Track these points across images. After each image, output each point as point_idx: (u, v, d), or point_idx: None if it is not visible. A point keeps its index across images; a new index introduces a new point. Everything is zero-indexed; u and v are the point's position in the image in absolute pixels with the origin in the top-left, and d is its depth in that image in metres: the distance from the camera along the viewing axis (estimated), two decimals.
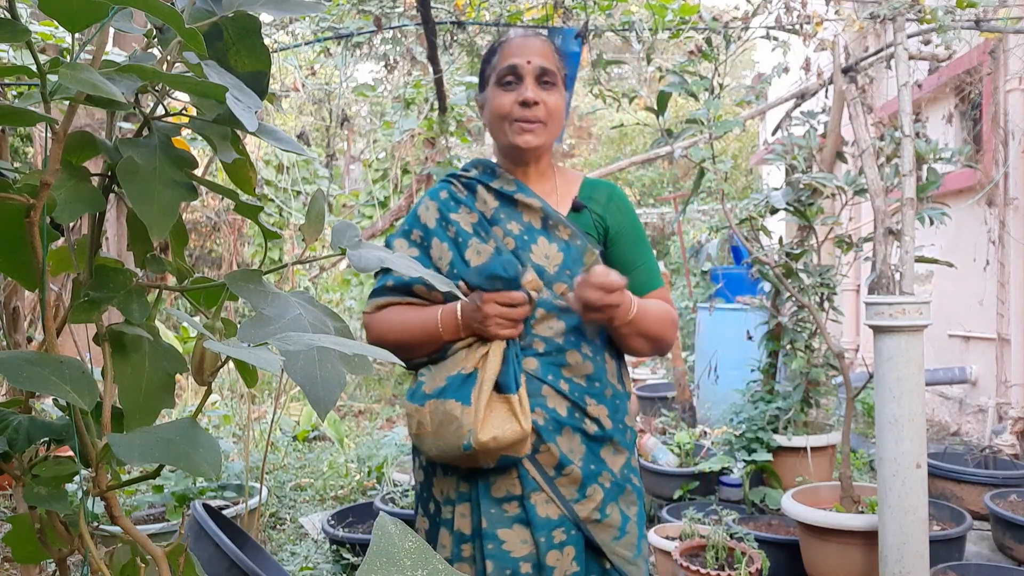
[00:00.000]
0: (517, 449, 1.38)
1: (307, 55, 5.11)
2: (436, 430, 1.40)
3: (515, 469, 1.43)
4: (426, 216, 1.57)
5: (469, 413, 1.37)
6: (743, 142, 13.11)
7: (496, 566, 1.40)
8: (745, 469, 3.78)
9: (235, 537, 2.64)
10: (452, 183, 1.60)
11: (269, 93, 0.82)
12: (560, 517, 1.43)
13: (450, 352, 1.47)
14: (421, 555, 0.51)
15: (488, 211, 1.54)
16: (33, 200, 0.67)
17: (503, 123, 1.51)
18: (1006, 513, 3.31)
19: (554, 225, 1.52)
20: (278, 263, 2.34)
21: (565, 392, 1.45)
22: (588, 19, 3.52)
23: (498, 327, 1.41)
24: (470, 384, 1.41)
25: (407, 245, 1.57)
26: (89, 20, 0.63)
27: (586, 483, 1.45)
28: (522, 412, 1.37)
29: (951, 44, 3.56)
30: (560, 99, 1.52)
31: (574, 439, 1.46)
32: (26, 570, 1.16)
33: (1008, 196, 5.10)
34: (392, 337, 1.50)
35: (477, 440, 1.34)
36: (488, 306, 1.41)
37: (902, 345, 2.54)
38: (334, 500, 4.25)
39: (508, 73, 1.49)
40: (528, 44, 1.51)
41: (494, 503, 1.43)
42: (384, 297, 1.55)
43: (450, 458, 1.41)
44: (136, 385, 0.76)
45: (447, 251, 1.52)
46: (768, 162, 4.61)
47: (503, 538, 1.42)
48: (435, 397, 1.42)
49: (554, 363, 1.46)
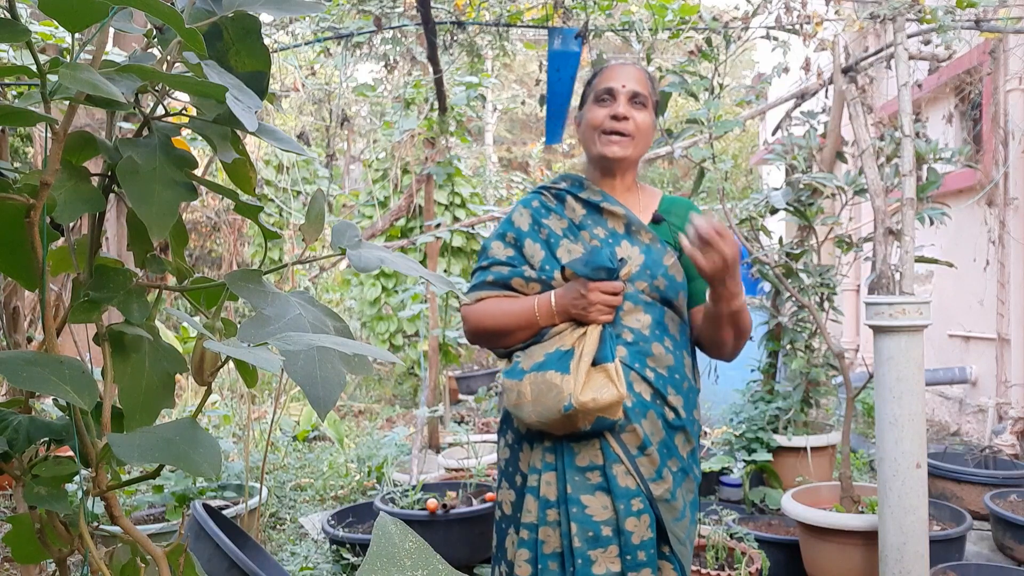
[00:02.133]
0: (613, 411, 1.51)
1: (307, 55, 5.11)
2: (536, 398, 1.54)
3: (598, 441, 1.57)
4: (520, 221, 1.74)
5: (569, 380, 1.51)
6: (743, 142, 13.11)
7: (580, 528, 1.55)
8: (745, 469, 3.78)
9: (235, 537, 2.64)
10: (543, 194, 1.77)
11: (269, 93, 0.82)
12: (637, 488, 1.57)
13: (547, 336, 1.62)
14: (421, 555, 0.51)
15: (576, 218, 1.71)
16: (33, 200, 0.67)
17: (595, 134, 1.69)
18: (1006, 513, 3.31)
19: (636, 230, 1.68)
20: (278, 263, 2.34)
21: (650, 380, 1.60)
22: (588, 19, 3.52)
23: (599, 312, 1.57)
24: (568, 358, 1.55)
25: (503, 246, 1.74)
26: (89, 20, 0.63)
27: (661, 465, 1.59)
28: (618, 378, 1.51)
29: (951, 44, 3.56)
30: (648, 118, 1.69)
31: (656, 423, 1.60)
32: (26, 570, 1.16)
33: (1008, 196, 5.10)
34: (491, 323, 1.66)
35: (578, 400, 1.48)
36: (593, 294, 1.56)
37: (902, 345, 2.54)
38: (334, 500, 4.25)
39: (605, 93, 1.68)
40: (625, 71, 1.70)
41: (578, 471, 1.58)
42: (485, 291, 1.70)
43: (549, 422, 1.54)
44: (136, 385, 0.76)
45: (539, 251, 1.69)
46: (768, 162, 4.61)
47: (586, 503, 1.57)
48: (535, 370, 1.57)
49: (640, 352, 1.61)
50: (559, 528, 1.58)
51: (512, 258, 1.71)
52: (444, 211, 7.14)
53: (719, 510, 3.23)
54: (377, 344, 7.40)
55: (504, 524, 1.70)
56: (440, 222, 5.62)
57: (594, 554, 1.55)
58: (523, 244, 1.71)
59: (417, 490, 3.44)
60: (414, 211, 6.84)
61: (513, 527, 1.67)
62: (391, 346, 7.48)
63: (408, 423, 6.00)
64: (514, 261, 1.70)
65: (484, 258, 1.75)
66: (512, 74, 16.68)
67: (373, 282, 7.58)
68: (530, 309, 1.62)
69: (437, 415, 4.88)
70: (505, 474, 1.72)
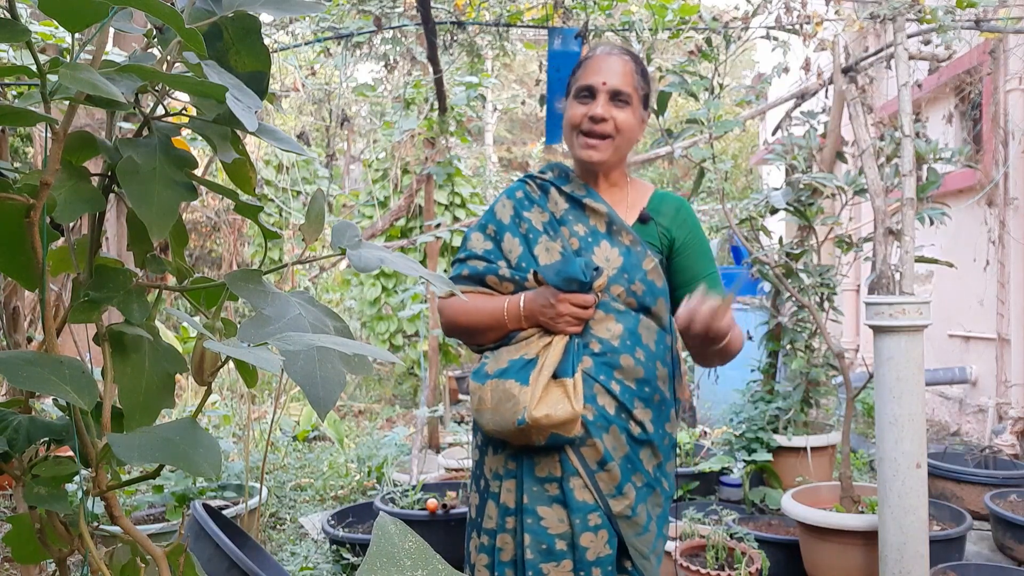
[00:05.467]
0: (567, 429, 1.48)
1: (307, 55, 5.11)
2: (495, 406, 1.51)
3: (558, 453, 1.53)
4: (502, 212, 1.69)
5: (526, 392, 1.48)
6: (743, 142, 13.11)
7: (533, 539, 1.52)
8: (745, 469, 3.78)
9: (235, 537, 2.64)
10: (528, 183, 1.72)
11: (269, 93, 0.82)
12: (595, 503, 1.53)
13: (514, 340, 1.58)
14: (421, 555, 0.51)
15: (558, 212, 1.65)
16: (33, 200, 0.67)
17: (572, 133, 1.63)
18: (1006, 513, 3.31)
19: (617, 230, 1.61)
20: (278, 263, 2.34)
21: (615, 393, 1.54)
22: (588, 19, 3.52)
23: (566, 324, 1.53)
24: (530, 368, 1.52)
25: (483, 239, 1.69)
26: (89, 20, 0.63)
27: (623, 481, 1.54)
28: (575, 395, 1.48)
29: (951, 44, 3.56)
30: (631, 117, 1.61)
31: (619, 438, 1.55)
32: (26, 570, 1.16)
33: (1008, 196, 5.09)
34: (463, 319, 1.64)
35: (531, 416, 1.45)
36: (562, 304, 1.51)
37: (902, 345, 2.54)
38: (334, 500, 4.25)
39: (585, 90, 1.60)
40: (609, 64, 1.60)
41: (536, 481, 1.54)
42: (460, 285, 1.67)
43: (505, 433, 1.51)
44: (136, 385, 0.76)
45: (518, 246, 1.64)
46: (768, 162, 4.61)
47: (542, 515, 1.53)
48: (496, 377, 1.53)
49: (607, 364, 1.55)
50: (515, 537, 1.55)
51: (489, 252, 1.66)
52: (444, 211, 7.14)
53: (719, 510, 3.23)
54: (377, 344, 7.40)
55: (471, 527, 1.68)
56: (440, 222, 5.62)
57: (547, 567, 1.51)
58: (502, 238, 1.66)
59: (417, 490, 3.44)
60: (414, 211, 6.84)
61: (476, 531, 1.64)
62: (391, 346, 7.48)
63: (408, 423, 6.00)
64: (490, 256, 1.66)
65: (463, 249, 1.71)
66: (512, 74, 16.68)
67: (373, 282, 7.58)
68: (500, 310, 1.58)
69: (437, 415, 4.88)
70: (473, 476, 1.70)
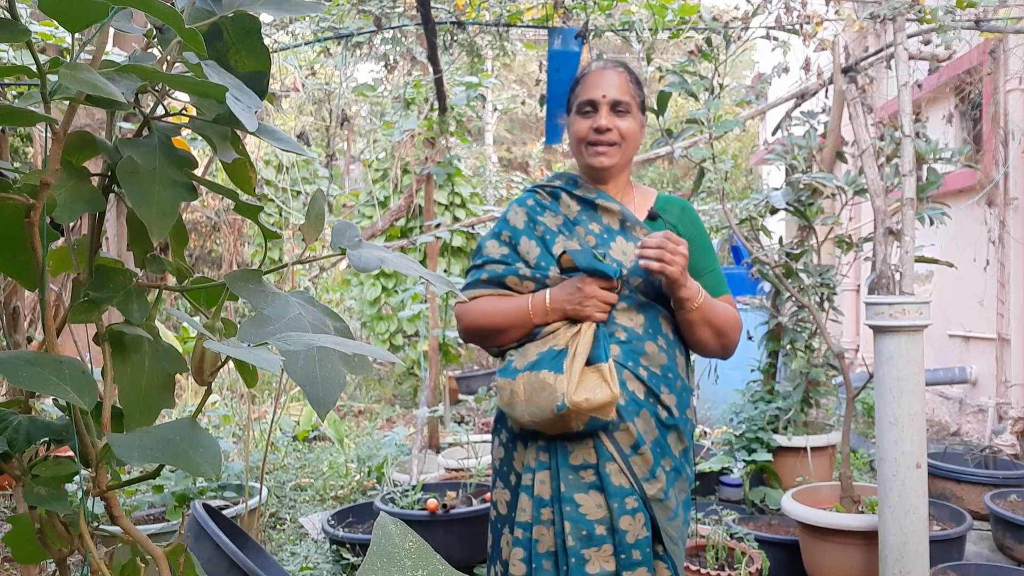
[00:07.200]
0: (606, 412, 1.51)
1: (307, 55, 5.11)
2: (529, 397, 1.54)
3: (592, 440, 1.57)
4: (515, 219, 1.75)
5: (562, 380, 1.50)
6: (743, 142, 13.11)
7: (573, 527, 1.55)
8: (745, 469, 3.77)
9: (235, 537, 2.64)
10: (537, 192, 1.78)
11: (269, 93, 0.82)
12: (631, 487, 1.57)
13: (540, 335, 1.62)
14: (421, 555, 0.51)
15: (571, 214, 1.72)
16: (33, 200, 0.67)
17: (580, 145, 1.71)
18: (1006, 513, 3.31)
19: (631, 226, 1.69)
20: (278, 263, 2.34)
21: (644, 379, 1.59)
22: (588, 19, 3.52)
23: (594, 308, 1.57)
24: (562, 357, 1.55)
25: (498, 245, 1.74)
26: (89, 20, 0.63)
27: (655, 465, 1.59)
28: (612, 378, 1.51)
29: (951, 44, 3.56)
30: (633, 123, 1.70)
31: (649, 422, 1.60)
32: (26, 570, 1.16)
33: (1008, 196, 5.09)
34: (485, 321, 1.66)
35: (571, 400, 1.48)
36: (590, 287, 1.56)
37: (902, 345, 2.54)
38: (334, 500, 4.25)
39: (587, 105, 1.69)
40: (606, 78, 1.70)
41: (572, 470, 1.57)
42: (479, 289, 1.71)
43: (542, 422, 1.54)
44: (136, 385, 0.76)
45: (535, 247, 1.69)
46: (768, 162, 4.61)
47: (580, 502, 1.56)
48: (528, 370, 1.56)
49: (634, 351, 1.60)
50: (553, 527, 1.58)
51: (506, 256, 1.71)
52: (444, 211, 7.14)
53: (719, 510, 3.23)
54: (377, 344, 7.40)
55: (499, 524, 1.70)
56: (440, 222, 5.62)
57: (588, 553, 1.55)
58: (518, 242, 1.71)
59: (417, 490, 3.44)
60: (414, 211, 6.84)
61: (508, 526, 1.66)
62: (391, 346, 7.48)
63: (408, 423, 5.99)
64: (508, 259, 1.70)
65: (478, 257, 1.75)
66: (512, 74, 16.68)
67: (373, 282, 7.58)
68: (524, 307, 1.62)
69: (437, 415, 4.88)
70: (500, 473, 1.72)
